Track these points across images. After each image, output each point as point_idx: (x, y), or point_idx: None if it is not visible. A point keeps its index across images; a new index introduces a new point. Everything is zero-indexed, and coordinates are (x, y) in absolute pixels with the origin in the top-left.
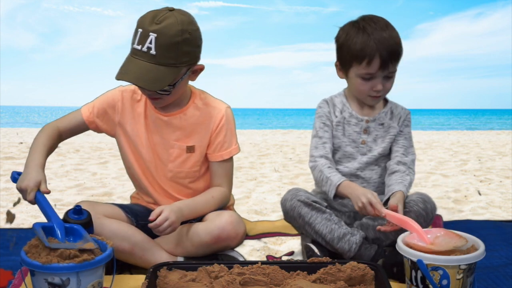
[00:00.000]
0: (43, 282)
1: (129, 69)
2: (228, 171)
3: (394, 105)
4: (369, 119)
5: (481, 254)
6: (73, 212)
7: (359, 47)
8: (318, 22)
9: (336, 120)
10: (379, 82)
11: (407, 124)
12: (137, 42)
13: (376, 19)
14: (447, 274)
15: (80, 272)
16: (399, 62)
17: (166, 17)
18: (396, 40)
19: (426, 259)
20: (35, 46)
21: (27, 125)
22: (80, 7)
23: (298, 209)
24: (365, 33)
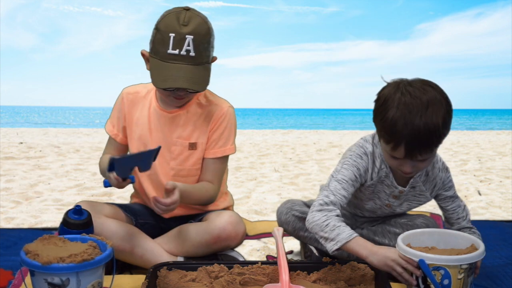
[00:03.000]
0: (43, 282)
1: (171, 74)
2: (220, 170)
3: (431, 166)
4: (403, 190)
5: (481, 253)
6: (73, 212)
7: (387, 125)
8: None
9: (370, 183)
10: (409, 165)
11: (448, 188)
12: (172, 47)
13: (419, 94)
14: (449, 274)
15: (79, 272)
16: (435, 149)
17: (190, 17)
18: (433, 129)
19: (428, 259)
20: (35, 46)
21: (27, 125)
22: (80, 7)
23: (293, 224)
24: (397, 110)
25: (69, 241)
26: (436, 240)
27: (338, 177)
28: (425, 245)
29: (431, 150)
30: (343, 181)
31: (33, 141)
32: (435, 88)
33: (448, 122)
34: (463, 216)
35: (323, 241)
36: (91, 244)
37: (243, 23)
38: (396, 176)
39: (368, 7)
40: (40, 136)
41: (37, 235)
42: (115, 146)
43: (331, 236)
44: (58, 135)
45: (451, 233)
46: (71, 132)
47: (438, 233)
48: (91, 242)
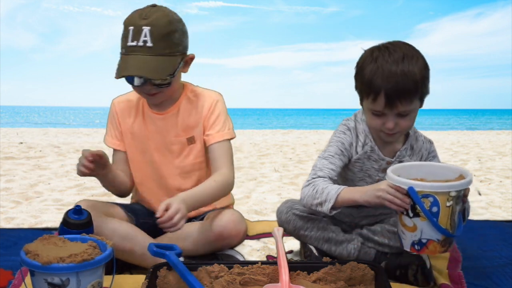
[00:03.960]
0: (43, 282)
1: (128, 64)
2: (226, 154)
3: (414, 138)
4: (390, 160)
5: (469, 182)
6: (73, 212)
7: (366, 79)
8: (318, 22)
9: (356, 157)
10: (391, 120)
11: (433, 157)
12: (131, 39)
13: (395, 48)
14: (437, 201)
15: (79, 272)
16: (414, 100)
17: (153, 11)
18: (410, 76)
19: (417, 186)
20: (35, 46)
21: (27, 125)
22: (80, 7)
23: (294, 223)
24: (375, 64)
25: (69, 241)
26: (425, 173)
27: (324, 155)
28: (414, 177)
29: (410, 100)
30: (329, 157)
31: (33, 141)
32: (411, 46)
33: (425, 76)
34: None
35: (319, 208)
36: (91, 244)
37: (243, 23)
38: (382, 150)
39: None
40: (40, 136)
41: (37, 235)
42: (123, 159)
43: (322, 198)
44: (58, 135)
45: (439, 166)
46: (71, 132)
47: (427, 166)
48: (91, 242)
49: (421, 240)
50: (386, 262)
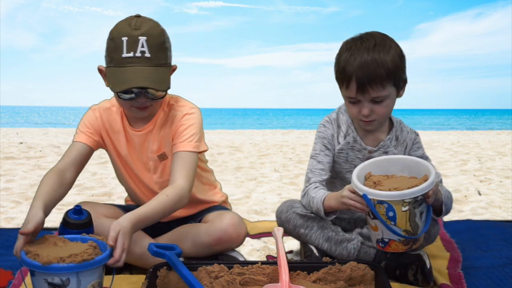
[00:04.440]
0: (43, 282)
1: (128, 76)
2: (185, 164)
3: (399, 129)
4: (372, 149)
5: (425, 188)
6: (73, 212)
7: (340, 67)
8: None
9: (339, 147)
10: (366, 106)
11: (417, 148)
12: (126, 50)
13: (368, 37)
14: (392, 207)
15: (80, 272)
16: (386, 86)
17: (142, 22)
18: (381, 62)
19: (370, 194)
20: (35, 46)
21: (27, 125)
22: (80, 7)
23: (294, 221)
24: (348, 52)
25: (69, 241)
26: (401, 167)
27: (312, 153)
28: (386, 173)
29: (381, 85)
30: (316, 155)
31: (33, 141)
32: (386, 36)
33: (397, 64)
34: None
35: (320, 215)
36: (91, 244)
37: (243, 23)
38: (365, 140)
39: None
40: (40, 136)
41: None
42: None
43: (315, 208)
44: (58, 135)
45: (413, 160)
46: (71, 132)
47: (403, 160)
48: (91, 242)
49: (384, 239)
50: (386, 262)
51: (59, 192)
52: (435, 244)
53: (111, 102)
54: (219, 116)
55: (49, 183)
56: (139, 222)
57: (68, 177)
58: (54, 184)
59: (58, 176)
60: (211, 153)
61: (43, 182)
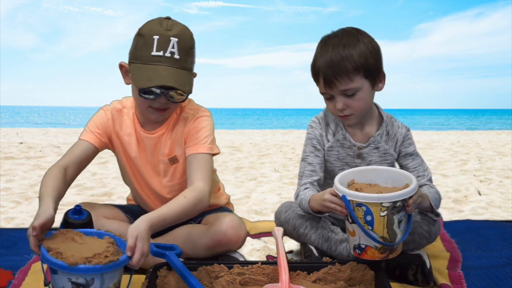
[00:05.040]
0: (66, 281)
1: (156, 74)
2: (202, 166)
3: (390, 124)
4: (362, 146)
5: (403, 194)
6: (73, 212)
7: (312, 65)
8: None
9: (328, 145)
10: (338, 100)
11: (408, 144)
12: (156, 49)
13: (337, 34)
14: (370, 211)
15: (104, 273)
16: (354, 78)
17: (173, 24)
18: (345, 56)
19: (349, 195)
20: (35, 46)
21: (27, 125)
22: (80, 7)
23: (293, 221)
24: (318, 50)
25: (86, 235)
26: (385, 178)
27: (302, 156)
28: (369, 182)
29: (348, 78)
30: (306, 157)
31: (33, 141)
32: (358, 31)
33: (367, 56)
34: (424, 175)
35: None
36: (109, 241)
37: (243, 23)
38: (354, 136)
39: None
40: (40, 136)
41: None
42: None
43: (305, 209)
44: (58, 135)
45: (397, 172)
46: (71, 132)
47: (387, 171)
48: (108, 238)
49: (360, 245)
50: (386, 262)
51: (63, 190)
52: (435, 244)
53: (122, 103)
54: (219, 116)
55: (55, 179)
56: (156, 224)
57: (70, 175)
58: (59, 181)
59: (61, 173)
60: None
61: (49, 177)
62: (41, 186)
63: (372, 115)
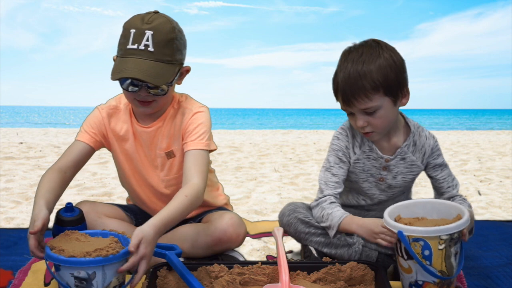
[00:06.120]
0: (69, 276)
1: (127, 67)
2: (198, 162)
3: (417, 135)
4: (389, 158)
5: (462, 224)
6: (65, 210)
7: (332, 79)
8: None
9: (355, 158)
10: (359, 118)
11: (437, 155)
12: (132, 42)
13: (357, 47)
14: (429, 245)
15: (105, 266)
16: (374, 97)
17: (155, 17)
18: (363, 73)
19: (406, 230)
20: (35, 46)
21: (27, 125)
22: (80, 7)
23: (295, 226)
24: (338, 66)
25: (91, 236)
26: (429, 210)
27: (326, 165)
28: (416, 216)
29: (366, 97)
30: (331, 168)
31: (33, 141)
32: (379, 43)
33: (387, 73)
34: (453, 185)
35: (328, 230)
36: (112, 239)
37: (243, 23)
38: (382, 148)
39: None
40: (40, 136)
41: None
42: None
43: (327, 224)
44: (58, 135)
45: (442, 203)
46: (71, 132)
47: (431, 203)
48: (112, 237)
49: (417, 281)
50: (394, 265)
51: (59, 191)
52: None
53: (118, 99)
54: (219, 116)
55: (50, 181)
56: (163, 226)
57: (68, 176)
58: (55, 183)
59: (59, 175)
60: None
61: (44, 181)
62: (37, 188)
63: (399, 126)
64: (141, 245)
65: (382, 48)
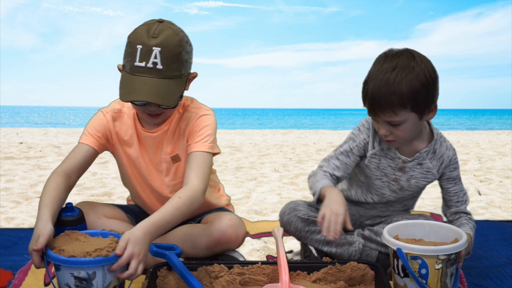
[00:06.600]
0: (69, 276)
1: (136, 87)
2: (200, 164)
3: (439, 144)
4: (407, 159)
5: (460, 246)
6: (65, 210)
7: (363, 84)
8: (318, 22)
9: (372, 152)
10: (382, 127)
11: (454, 168)
12: (139, 59)
13: (394, 57)
14: (426, 264)
15: (105, 266)
16: (400, 112)
17: (161, 29)
18: (393, 88)
19: (405, 248)
20: (35, 46)
21: (27, 125)
22: (80, 7)
23: (295, 224)
24: (372, 69)
25: (91, 236)
26: (427, 232)
27: (337, 149)
28: (413, 237)
29: (392, 112)
30: (339, 153)
31: (33, 141)
32: (415, 56)
33: (418, 89)
34: (463, 201)
35: (313, 198)
36: (112, 239)
37: (243, 23)
38: (401, 150)
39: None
40: (40, 136)
41: None
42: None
43: (313, 191)
44: (58, 135)
45: (441, 225)
46: (71, 132)
47: (429, 225)
48: (112, 237)
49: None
50: (386, 262)
51: (64, 198)
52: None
53: (122, 103)
54: (219, 116)
55: (55, 189)
56: (154, 229)
57: (73, 181)
58: (61, 189)
59: (64, 180)
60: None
61: (49, 187)
62: (42, 195)
63: (423, 132)
64: (128, 245)
65: (417, 62)
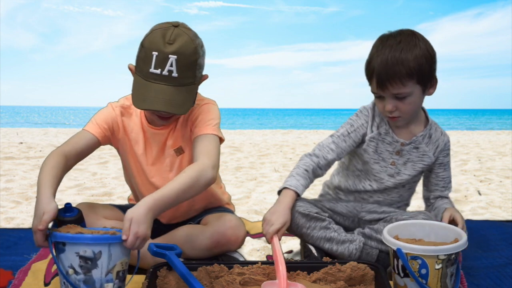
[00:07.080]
0: (74, 256)
1: (151, 95)
2: (208, 144)
3: (434, 128)
4: (404, 142)
5: (460, 246)
6: (64, 211)
7: (366, 62)
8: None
9: (370, 136)
10: (388, 102)
11: (446, 154)
12: (154, 66)
13: (396, 35)
14: (426, 264)
15: (112, 245)
16: (407, 84)
17: (177, 35)
18: (401, 60)
19: (405, 248)
20: (35, 46)
21: (27, 125)
22: (80, 7)
23: (296, 220)
24: (374, 49)
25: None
26: (427, 232)
27: (334, 133)
28: (413, 237)
29: (401, 83)
30: (335, 136)
31: (33, 141)
32: (415, 34)
33: (422, 62)
34: (448, 187)
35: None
36: (115, 232)
37: (243, 23)
38: (398, 133)
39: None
40: (40, 136)
41: None
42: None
43: (284, 181)
44: (58, 135)
45: (440, 225)
46: (71, 132)
47: (429, 225)
48: (115, 231)
49: None
50: (386, 262)
51: (62, 177)
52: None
53: (130, 100)
54: None
55: (54, 167)
56: (157, 205)
57: (70, 164)
58: (59, 169)
59: (63, 160)
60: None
61: (48, 166)
62: (41, 173)
63: (419, 117)
64: (132, 225)
65: (418, 39)
